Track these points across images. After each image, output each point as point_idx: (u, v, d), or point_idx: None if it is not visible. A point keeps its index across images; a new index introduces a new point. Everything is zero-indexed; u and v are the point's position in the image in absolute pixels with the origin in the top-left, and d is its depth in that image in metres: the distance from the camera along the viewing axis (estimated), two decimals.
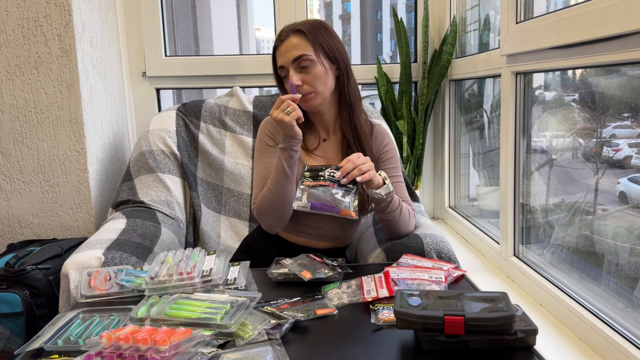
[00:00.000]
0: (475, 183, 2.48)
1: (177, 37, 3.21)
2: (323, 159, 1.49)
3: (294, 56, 1.37)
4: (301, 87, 1.37)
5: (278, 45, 1.39)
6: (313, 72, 1.37)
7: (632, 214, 1.44)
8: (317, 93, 1.39)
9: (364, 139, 1.47)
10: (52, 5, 1.82)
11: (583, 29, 1.28)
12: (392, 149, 1.53)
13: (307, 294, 1.16)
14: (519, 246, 1.80)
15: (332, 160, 1.49)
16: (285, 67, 1.39)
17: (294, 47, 1.37)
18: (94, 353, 0.85)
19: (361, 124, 1.47)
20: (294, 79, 1.36)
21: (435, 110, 2.56)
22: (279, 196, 1.36)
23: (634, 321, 1.24)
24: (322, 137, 1.50)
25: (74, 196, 1.93)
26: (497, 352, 0.91)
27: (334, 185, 1.26)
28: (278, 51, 1.40)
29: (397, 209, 1.39)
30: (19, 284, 1.51)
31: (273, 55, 1.43)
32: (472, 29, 2.45)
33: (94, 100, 1.99)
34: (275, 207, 1.37)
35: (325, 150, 1.50)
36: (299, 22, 1.42)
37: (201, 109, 2.08)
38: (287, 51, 1.38)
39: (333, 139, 1.50)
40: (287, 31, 1.39)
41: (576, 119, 1.66)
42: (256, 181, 1.47)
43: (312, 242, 1.50)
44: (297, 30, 1.38)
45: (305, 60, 1.36)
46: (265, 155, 1.47)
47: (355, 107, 1.46)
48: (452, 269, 1.27)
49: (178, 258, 1.25)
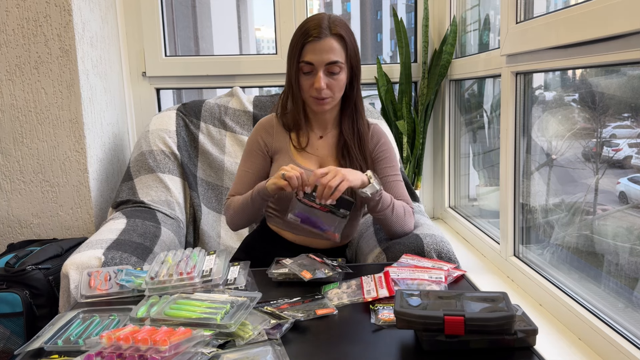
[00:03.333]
0: (475, 183, 2.48)
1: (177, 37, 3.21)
2: (315, 157, 1.49)
3: (329, 60, 1.34)
4: (323, 90, 1.36)
5: (313, 41, 1.33)
6: (339, 79, 1.38)
7: (632, 214, 1.44)
8: (334, 98, 1.40)
9: (364, 139, 1.47)
10: (52, 5, 1.82)
11: (583, 29, 1.28)
12: (388, 149, 1.52)
13: (307, 294, 1.16)
14: (519, 246, 1.80)
15: (325, 158, 1.49)
16: (313, 65, 1.35)
17: (331, 50, 1.34)
18: (94, 353, 0.85)
19: (363, 125, 1.48)
20: (321, 82, 1.34)
21: (435, 110, 2.56)
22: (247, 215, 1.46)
23: (634, 321, 1.24)
24: (318, 135, 1.50)
25: (74, 196, 1.93)
26: (497, 352, 0.91)
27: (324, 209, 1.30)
28: (312, 46, 1.34)
29: (389, 208, 1.39)
30: (19, 284, 1.51)
31: (301, 46, 1.35)
32: (472, 29, 2.45)
33: (94, 100, 1.99)
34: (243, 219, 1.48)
35: (319, 147, 1.49)
36: (336, 21, 1.37)
37: (201, 109, 2.08)
38: (323, 51, 1.34)
39: (329, 137, 1.50)
40: (325, 29, 1.34)
41: (576, 119, 1.66)
42: (236, 179, 1.52)
43: (311, 240, 1.50)
44: (337, 34, 1.35)
45: (337, 67, 1.36)
46: (251, 158, 1.50)
47: (360, 110, 1.47)
48: (452, 269, 1.27)
49: (178, 258, 1.25)
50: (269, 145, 1.49)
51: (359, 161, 1.46)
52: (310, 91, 1.38)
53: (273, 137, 1.49)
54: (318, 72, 1.35)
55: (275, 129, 1.50)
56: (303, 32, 1.36)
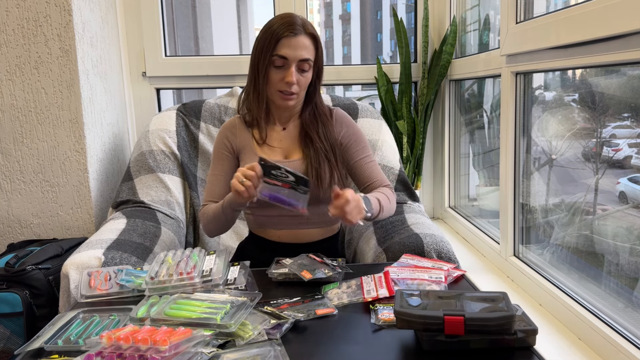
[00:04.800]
0: (475, 183, 2.48)
1: (177, 37, 3.21)
2: (279, 149, 1.50)
3: (302, 56, 1.38)
4: (294, 85, 1.39)
5: (289, 36, 1.37)
6: (306, 77, 1.42)
7: (632, 214, 1.44)
8: (299, 96, 1.45)
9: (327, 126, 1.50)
10: (52, 6, 1.82)
11: (583, 29, 1.28)
12: (354, 132, 1.54)
13: (307, 294, 1.16)
14: (519, 246, 1.80)
15: (289, 149, 1.50)
16: (287, 59, 1.37)
17: (305, 47, 1.38)
18: (94, 353, 0.85)
19: (324, 114, 1.51)
20: (293, 77, 1.37)
21: (435, 110, 2.56)
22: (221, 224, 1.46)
23: (634, 321, 1.24)
24: (280, 127, 1.52)
25: (74, 196, 1.93)
26: (497, 352, 0.91)
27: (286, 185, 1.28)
28: (287, 41, 1.37)
29: (379, 213, 1.40)
30: (19, 284, 1.51)
31: (276, 39, 1.37)
32: (472, 29, 2.45)
33: (94, 100, 1.99)
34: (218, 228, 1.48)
35: (282, 139, 1.51)
36: (307, 22, 1.42)
37: (201, 109, 2.08)
38: (297, 48, 1.37)
39: (291, 128, 1.52)
40: (300, 27, 1.38)
41: (576, 119, 1.66)
42: (207, 187, 1.53)
43: (297, 233, 1.49)
44: (310, 34, 1.40)
45: (307, 64, 1.40)
46: (219, 162, 1.51)
47: (318, 102, 1.52)
48: (452, 269, 1.27)
49: (178, 258, 1.25)
50: (234, 144, 1.51)
51: (324, 150, 1.47)
52: (279, 85, 1.40)
53: (236, 136, 1.51)
54: (290, 67, 1.38)
55: (238, 128, 1.52)
56: (280, 26, 1.38)
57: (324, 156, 1.46)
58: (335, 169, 1.47)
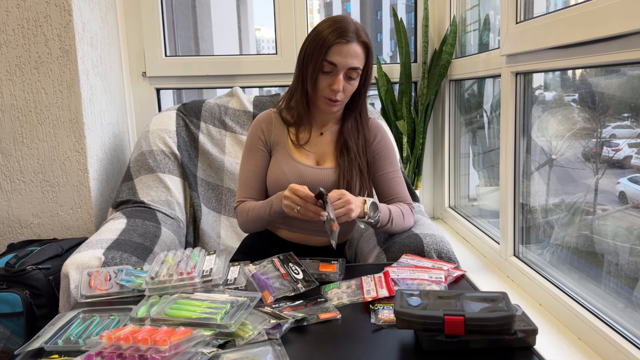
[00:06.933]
0: (475, 183, 2.48)
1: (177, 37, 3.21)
2: (313, 154, 1.49)
3: (352, 64, 1.36)
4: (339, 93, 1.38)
5: (341, 43, 1.34)
6: (353, 85, 1.40)
7: (632, 214, 1.44)
8: (344, 103, 1.43)
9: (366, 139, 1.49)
10: (52, 6, 1.82)
11: (583, 29, 1.28)
12: (385, 145, 1.52)
13: (309, 297, 1.15)
14: (519, 246, 1.80)
15: (322, 155, 1.49)
16: (336, 66, 1.35)
17: (356, 55, 1.36)
18: (94, 353, 0.85)
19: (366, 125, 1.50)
20: (340, 85, 1.36)
21: (435, 110, 2.56)
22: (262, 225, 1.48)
23: (634, 321, 1.24)
24: (318, 132, 1.51)
25: (74, 196, 1.93)
26: (497, 352, 0.91)
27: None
28: (339, 48, 1.34)
29: (388, 223, 1.40)
30: (19, 284, 1.51)
31: (329, 45, 1.34)
32: (472, 29, 2.45)
33: (94, 100, 1.99)
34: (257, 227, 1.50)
35: (318, 144, 1.50)
36: (361, 28, 1.39)
37: (201, 109, 2.08)
38: (349, 55, 1.35)
39: (328, 134, 1.51)
40: (353, 34, 1.35)
41: (576, 119, 1.66)
42: (241, 181, 1.50)
43: (309, 238, 1.49)
44: (363, 42, 1.37)
45: (356, 72, 1.38)
46: (253, 156, 1.49)
47: (364, 117, 1.50)
48: (452, 269, 1.27)
49: (178, 258, 1.25)
50: (268, 139, 1.49)
51: (359, 162, 1.46)
52: (325, 91, 1.39)
53: (272, 131, 1.50)
54: (339, 74, 1.36)
55: (274, 123, 1.51)
56: (333, 32, 1.35)
57: (358, 169, 1.45)
58: (366, 183, 1.46)
